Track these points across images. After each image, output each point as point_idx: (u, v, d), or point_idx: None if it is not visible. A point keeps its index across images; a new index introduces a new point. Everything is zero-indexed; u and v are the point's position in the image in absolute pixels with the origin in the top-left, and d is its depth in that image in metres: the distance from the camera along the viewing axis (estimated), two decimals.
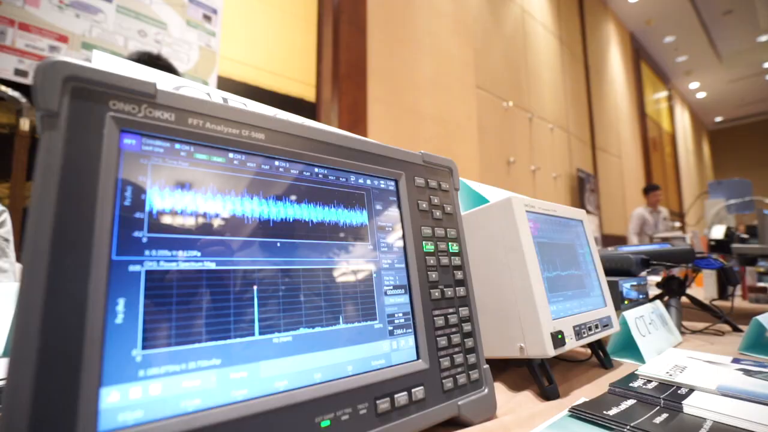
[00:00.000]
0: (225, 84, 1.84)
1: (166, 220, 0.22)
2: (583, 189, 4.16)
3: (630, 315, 0.56)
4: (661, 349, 0.57)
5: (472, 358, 0.34)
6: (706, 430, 0.32)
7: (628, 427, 0.32)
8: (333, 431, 0.24)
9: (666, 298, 0.75)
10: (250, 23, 1.99)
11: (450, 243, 0.36)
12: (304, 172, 0.29)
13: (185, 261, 0.22)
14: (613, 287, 0.60)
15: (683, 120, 7.96)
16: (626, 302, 0.61)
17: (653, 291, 0.76)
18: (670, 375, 0.44)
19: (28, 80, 1.21)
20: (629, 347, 0.56)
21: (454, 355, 0.33)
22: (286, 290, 0.25)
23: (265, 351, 0.23)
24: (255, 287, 0.24)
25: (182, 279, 0.21)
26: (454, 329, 0.34)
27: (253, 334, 0.23)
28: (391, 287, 0.31)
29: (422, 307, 0.32)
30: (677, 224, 5.47)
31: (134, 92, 0.22)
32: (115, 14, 1.47)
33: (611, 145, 5.07)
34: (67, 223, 0.19)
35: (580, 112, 4.59)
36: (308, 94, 2.29)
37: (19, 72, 1.22)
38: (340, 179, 0.31)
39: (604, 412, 0.34)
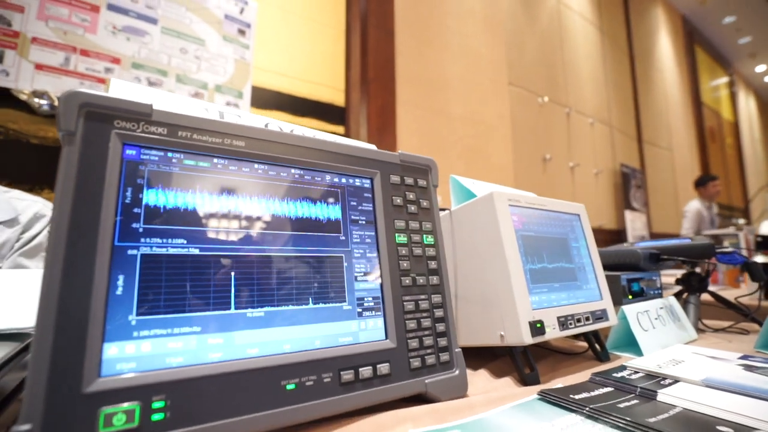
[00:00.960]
0: (258, 93, 1.96)
1: (159, 214, 0.27)
2: (627, 185, 3.94)
3: (630, 309, 0.55)
4: (668, 344, 0.56)
5: (443, 342, 0.37)
6: (670, 415, 0.32)
7: (588, 408, 0.33)
8: (297, 394, 0.28)
9: (685, 294, 0.72)
10: (281, 34, 2.10)
11: (425, 235, 0.39)
12: (281, 173, 0.33)
13: (173, 247, 0.27)
14: (615, 281, 0.59)
15: (748, 107, 7.26)
16: (630, 297, 0.60)
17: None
18: (660, 367, 0.44)
19: None
20: (632, 342, 0.55)
21: (424, 338, 0.36)
22: (260, 273, 0.30)
23: (239, 323, 0.28)
24: (232, 270, 0.29)
25: (170, 261, 0.27)
26: (424, 314, 0.37)
27: (229, 308, 0.28)
28: (362, 273, 0.35)
29: (392, 293, 0.35)
30: (741, 221, 5.00)
31: (134, 112, 0.27)
32: (160, 35, 1.62)
33: (661, 137, 4.75)
34: (80, 216, 0.24)
35: (624, 105, 4.34)
36: (338, 99, 2.37)
37: None
38: (316, 178, 0.35)
39: (572, 396, 0.36)
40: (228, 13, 1.87)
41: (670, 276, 0.88)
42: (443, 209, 0.53)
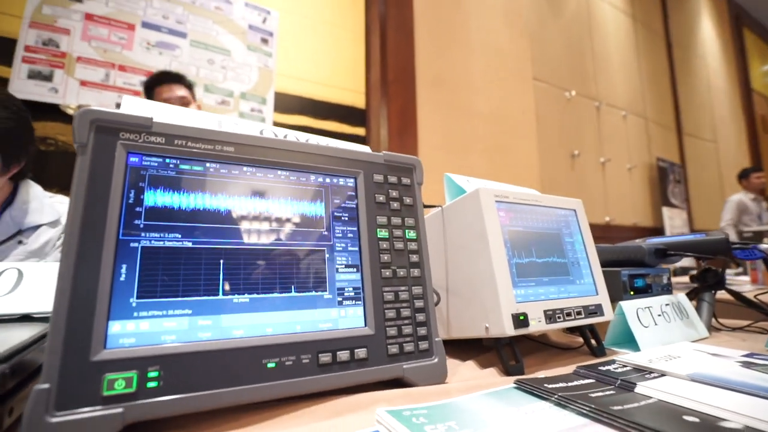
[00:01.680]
0: (281, 99, 2.04)
1: (157, 212, 0.31)
2: (665, 180, 3.74)
3: (629, 305, 0.55)
4: (671, 342, 0.55)
5: (422, 331, 0.39)
6: (640, 404, 0.33)
7: (557, 395, 0.34)
8: (277, 372, 0.31)
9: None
10: (302, 40, 2.17)
11: (407, 230, 0.42)
12: (268, 174, 0.37)
13: (169, 240, 0.31)
14: (614, 277, 0.59)
15: None
16: (632, 293, 0.59)
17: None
18: (651, 362, 0.44)
19: None
20: (632, 338, 0.55)
21: (403, 326, 0.38)
22: (246, 264, 0.33)
23: (226, 307, 0.32)
24: (221, 261, 0.32)
25: (166, 253, 0.31)
26: (404, 304, 0.39)
27: (217, 294, 0.32)
28: (343, 266, 0.38)
29: (371, 284, 0.38)
30: None
31: (136, 125, 0.32)
32: (189, 48, 1.72)
33: (703, 128, 4.47)
34: (90, 214, 0.29)
35: (660, 95, 4.12)
36: (359, 101, 2.42)
37: (118, 105, 1.50)
38: (300, 178, 0.38)
39: (546, 385, 0.37)
40: (252, 24, 1.96)
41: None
42: (434, 206, 0.55)
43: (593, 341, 0.53)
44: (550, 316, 0.46)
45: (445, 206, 0.53)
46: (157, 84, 1.35)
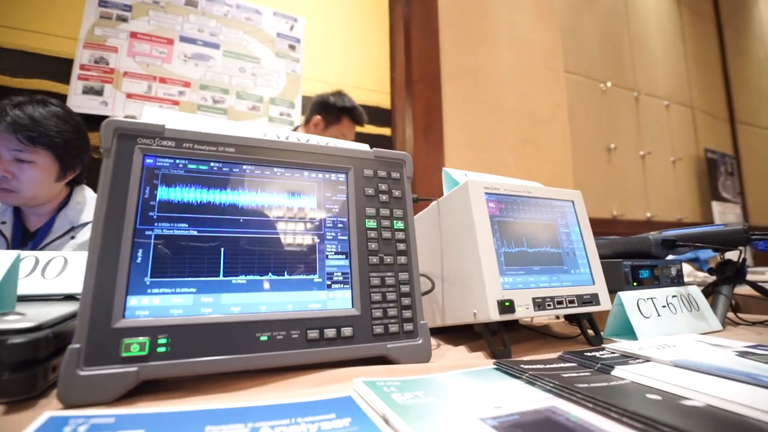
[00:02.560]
0: (308, 102, 2.11)
1: (168, 205, 0.37)
2: (715, 172, 3.49)
3: (629, 295, 0.55)
4: (675, 333, 0.54)
5: (407, 314, 0.42)
6: (608, 384, 0.34)
7: (527, 374, 0.36)
8: (269, 344, 0.36)
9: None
10: (328, 45, 2.24)
11: (395, 221, 0.45)
12: (265, 171, 0.41)
13: (178, 229, 0.36)
14: (616, 268, 0.59)
15: None
16: (635, 284, 0.59)
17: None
18: (641, 349, 0.44)
19: None
20: (633, 329, 0.55)
21: (388, 309, 0.41)
22: (244, 250, 0.38)
23: (226, 287, 0.36)
24: (222, 247, 0.37)
25: (176, 239, 0.36)
26: (390, 289, 0.42)
27: (218, 276, 0.36)
28: (333, 253, 0.42)
29: (359, 269, 0.41)
30: None
31: (151, 132, 0.37)
32: (222, 58, 1.84)
33: (760, 115, 4.12)
34: (113, 208, 0.34)
35: (709, 82, 3.85)
36: (384, 101, 2.46)
37: None
38: (295, 175, 0.42)
39: (522, 366, 0.38)
40: (280, 31, 2.05)
41: None
42: (430, 199, 0.57)
43: (591, 331, 0.54)
44: (539, 304, 0.48)
45: (440, 199, 0.55)
46: (346, 114, 1.47)
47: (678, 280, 0.63)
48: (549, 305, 0.48)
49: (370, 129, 2.35)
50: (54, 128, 0.96)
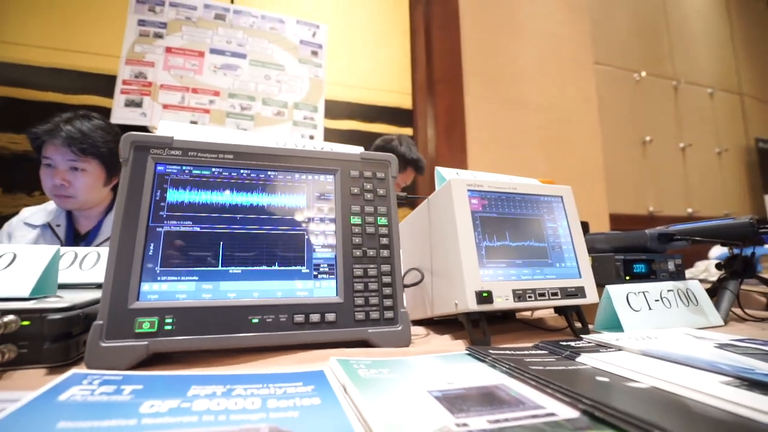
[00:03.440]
0: (331, 106, 2.19)
1: (176, 206, 0.43)
2: (767, 164, 3.23)
3: (618, 289, 0.55)
4: (667, 326, 0.54)
5: (388, 302, 0.46)
6: (566, 368, 0.36)
7: (490, 357, 0.39)
8: (259, 326, 0.41)
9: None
10: (349, 49, 2.30)
11: (379, 217, 0.49)
12: (260, 175, 0.46)
13: (183, 226, 0.42)
14: (607, 262, 0.59)
15: None
16: (627, 278, 0.59)
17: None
18: (618, 340, 0.46)
19: None
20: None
21: (370, 297, 0.45)
22: (240, 244, 0.43)
23: (223, 276, 0.42)
24: (221, 241, 0.43)
25: (181, 235, 0.42)
26: (372, 279, 0.46)
27: (217, 266, 0.42)
28: (320, 246, 0.46)
29: (343, 261, 0.46)
30: None
31: (161, 143, 0.43)
32: (248, 67, 1.94)
33: None
34: (130, 208, 0.41)
35: (761, 66, 3.56)
36: (405, 102, 2.49)
37: (193, 123, 1.76)
38: (286, 177, 0.47)
39: (491, 351, 0.41)
40: (302, 38, 2.14)
41: None
42: (422, 197, 0.61)
43: (579, 323, 0.55)
44: (520, 295, 0.50)
45: (430, 197, 0.59)
46: (411, 165, 1.56)
47: (677, 275, 0.63)
48: (530, 297, 0.50)
49: (391, 129, 2.39)
50: (100, 139, 1.08)
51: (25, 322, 0.35)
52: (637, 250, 0.64)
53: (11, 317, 0.34)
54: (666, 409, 0.26)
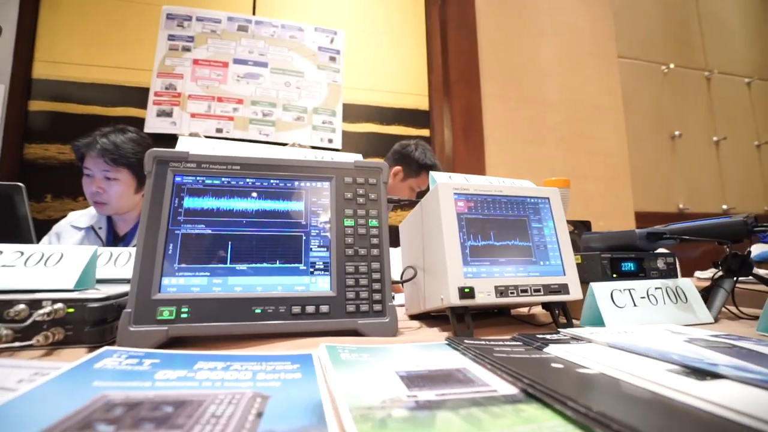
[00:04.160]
0: (348, 109, 2.25)
1: (191, 211, 0.49)
2: None
3: (602, 286, 0.58)
4: (652, 323, 0.56)
5: (377, 296, 0.51)
6: (530, 356, 0.40)
7: (462, 346, 0.43)
8: (261, 316, 0.47)
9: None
10: (366, 54, 2.36)
11: (371, 219, 0.54)
12: (264, 183, 0.53)
13: (197, 229, 0.49)
14: (594, 260, 0.61)
15: None
16: (614, 276, 0.61)
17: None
18: (593, 334, 0.48)
19: (222, 134, 1.85)
20: None
21: (360, 292, 0.51)
22: (246, 244, 0.49)
23: (231, 272, 0.48)
24: (229, 242, 0.49)
25: (195, 237, 0.48)
26: (363, 275, 0.51)
27: (226, 264, 0.48)
28: (316, 246, 0.52)
29: (336, 259, 0.51)
30: None
31: (179, 157, 0.50)
32: (270, 75, 2.04)
33: None
34: (153, 214, 0.48)
35: None
36: (422, 104, 2.52)
37: (218, 130, 1.87)
38: (287, 184, 0.53)
39: (467, 341, 0.45)
40: (321, 45, 2.21)
41: None
42: (416, 200, 0.65)
43: (563, 319, 0.58)
44: (502, 291, 0.53)
45: (422, 200, 0.63)
46: (426, 171, 1.62)
47: (669, 273, 0.64)
48: (512, 293, 0.54)
49: (408, 131, 2.43)
50: (131, 151, 1.19)
51: (70, 310, 0.43)
52: (627, 249, 0.65)
53: (59, 305, 0.42)
54: (597, 389, 0.30)
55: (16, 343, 0.39)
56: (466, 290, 0.52)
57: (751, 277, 0.66)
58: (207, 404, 0.25)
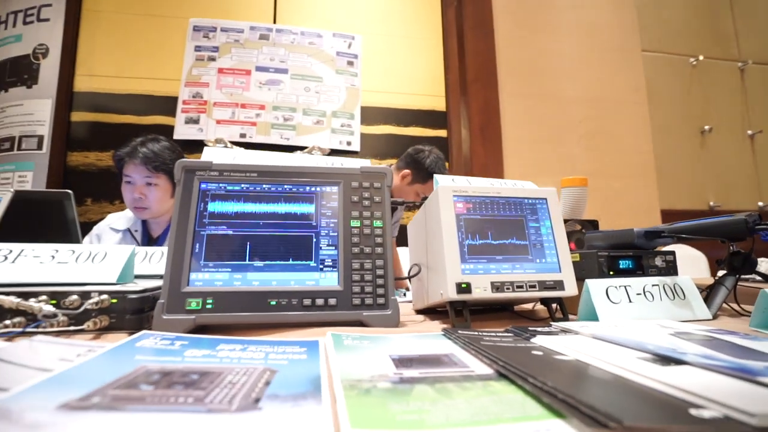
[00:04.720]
0: (367, 112, 2.31)
1: (214, 214, 0.56)
2: None
3: (597, 283, 0.60)
4: (648, 318, 0.58)
5: (381, 291, 0.56)
6: (515, 345, 0.43)
7: (454, 336, 0.47)
8: (276, 307, 0.52)
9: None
10: (383, 57, 2.41)
11: (375, 220, 0.59)
12: (278, 188, 0.58)
13: (220, 230, 0.55)
14: (591, 258, 0.64)
15: None
16: (611, 273, 0.63)
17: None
18: (583, 327, 0.51)
19: (245, 139, 1.95)
20: None
21: (365, 286, 0.56)
22: (263, 243, 0.55)
23: (250, 268, 0.54)
24: (248, 241, 0.55)
25: (219, 237, 0.55)
26: (367, 272, 0.56)
27: (245, 260, 0.54)
28: (326, 245, 0.57)
29: (343, 257, 0.56)
30: None
31: (203, 166, 0.57)
32: (290, 81, 2.12)
33: None
34: (182, 217, 0.54)
35: None
36: (439, 105, 2.54)
37: (242, 135, 1.97)
38: (300, 189, 0.59)
39: (460, 332, 0.49)
40: (339, 50, 2.28)
41: None
42: (420, 203, 0.69)
43: (560, 314, 0.61)
44: (498, 287, 0.57)
45: (425, 201, 0.67)
46: (432, 178, 1.70)
47: (668, 271, 0.65)
48: (508, 289, 0.57)
49: (425, 132, 2.46)
50: (168, 158, 1.29)
51: (114, 300, 0.50)
52: (626, 247, 0.67)
53: (105, 296, 0.49)
54: (562, 371, 0.33)
55: (71, 327, 0.46)
56: (463, 286, 0.56)
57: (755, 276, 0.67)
58: (225, 374, 0.31)
